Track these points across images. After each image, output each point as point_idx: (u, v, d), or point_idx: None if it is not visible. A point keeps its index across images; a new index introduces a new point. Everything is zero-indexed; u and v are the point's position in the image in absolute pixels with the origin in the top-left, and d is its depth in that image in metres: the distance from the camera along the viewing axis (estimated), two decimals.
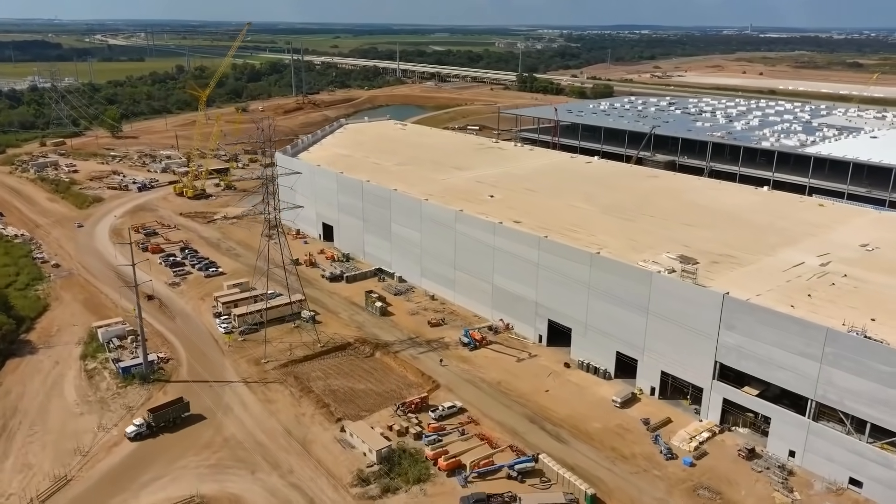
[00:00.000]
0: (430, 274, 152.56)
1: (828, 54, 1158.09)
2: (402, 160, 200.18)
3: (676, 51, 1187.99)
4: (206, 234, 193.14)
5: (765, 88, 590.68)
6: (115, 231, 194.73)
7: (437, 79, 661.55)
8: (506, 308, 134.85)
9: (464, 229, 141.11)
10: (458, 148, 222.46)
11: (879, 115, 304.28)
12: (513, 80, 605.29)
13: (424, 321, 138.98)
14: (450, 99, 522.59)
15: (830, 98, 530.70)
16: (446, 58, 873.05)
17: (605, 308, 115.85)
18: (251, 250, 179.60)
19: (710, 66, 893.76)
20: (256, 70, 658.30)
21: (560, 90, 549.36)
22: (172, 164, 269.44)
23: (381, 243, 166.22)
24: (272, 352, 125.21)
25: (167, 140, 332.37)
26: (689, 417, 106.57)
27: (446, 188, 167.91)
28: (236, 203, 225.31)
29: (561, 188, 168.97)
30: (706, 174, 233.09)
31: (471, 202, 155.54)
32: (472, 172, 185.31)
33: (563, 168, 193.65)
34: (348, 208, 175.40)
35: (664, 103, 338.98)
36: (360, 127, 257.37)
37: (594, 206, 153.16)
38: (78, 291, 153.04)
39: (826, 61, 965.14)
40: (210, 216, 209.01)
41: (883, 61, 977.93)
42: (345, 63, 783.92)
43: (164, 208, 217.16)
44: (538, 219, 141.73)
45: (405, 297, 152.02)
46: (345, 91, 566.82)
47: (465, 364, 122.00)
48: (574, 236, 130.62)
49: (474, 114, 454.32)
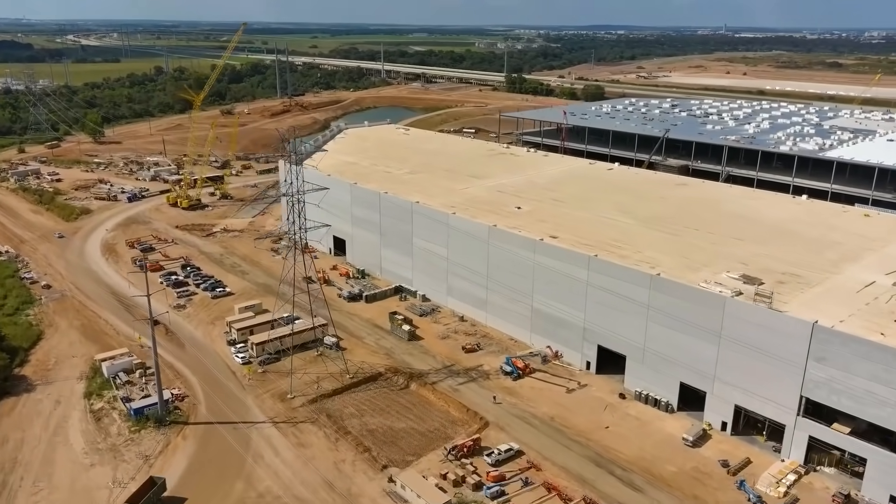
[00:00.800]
0: (459, 293, 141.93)
1: (805, 54, 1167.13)
2: (414, 168, 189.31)
3: (656, 51, 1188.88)
4: (208, 248, 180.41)
5: (753, 89, 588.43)
6: (107, 247, 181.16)
7: (422, 80, 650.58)
8: (547, 332, 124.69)
9: (499, 246, 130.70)
10: (469, 154, 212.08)
11: (887, 116, 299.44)
12: (500, 81, 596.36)
13: (458, 346, 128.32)
14: (439, 100, 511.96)
15: (820, 98, 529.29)
16: (429, 58, 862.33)
17: (668, 334, 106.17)
18: (257, 267, 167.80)
19: (693, 67, 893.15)
20: (237, 71, 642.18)
21: (550, 91, 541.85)
22: (162, 171, 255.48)
23: (401, 259, 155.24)
24: (298, 385, 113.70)
25: (153, 145, 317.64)
26: (767, 456, 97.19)
27: (468, 199, 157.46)
28: (235, 213, 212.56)
29: (589, 198, 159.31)
30: (722, 179, 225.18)
31: (498, 214, 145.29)
32: (490, 181, 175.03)
33: (585, 175, 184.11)
34: (363, 221, 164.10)
35: (666, 105, 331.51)
36: (361, 132, 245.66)
37: (631, 218, 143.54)
38: (73, 316, 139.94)
39: (806, 61, 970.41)
40: (209, 229, 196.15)
41: (860, 61, 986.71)
42: (327, 64, 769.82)
43: (159, 220, 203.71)
44: (575, 233, 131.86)
45: (432, 318, 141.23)
46: (331, 93, 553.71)
47: (511, 396, 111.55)
48: (620, 253, 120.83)
49: (466, 116, 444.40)
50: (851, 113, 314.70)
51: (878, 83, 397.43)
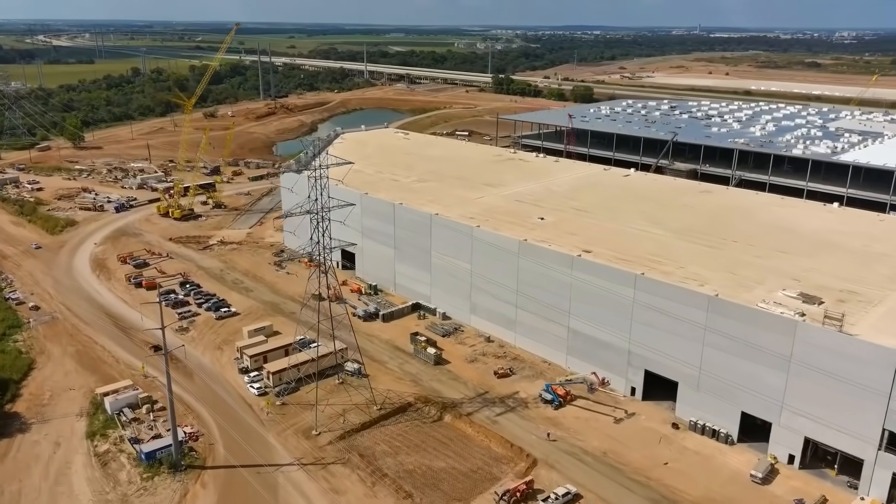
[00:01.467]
0: (484, 312, 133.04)
1: (782, 54, 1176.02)
2: (422, 175, 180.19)
3: (634, 51, 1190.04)
4: (206, 263, 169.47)
5: (740, 89, 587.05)
6: (97, 262, 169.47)
7: (406, 80, 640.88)
8: (586, 354, 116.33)
9: (530, 262, 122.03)
10: (477, 159, 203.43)
11: (888, 118, 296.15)
12: (487, 82, 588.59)
13: (488, 371, 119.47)
14: (426, 102, 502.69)
15: (807, 98, 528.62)
16: (411, 59, 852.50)
17: (727, 359, 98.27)
18: (261, 283, 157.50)
19: (674, 67, 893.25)
20: (217, 72, 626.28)
21: (538, 92, 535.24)
22: (149, 178, 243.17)
23: (417, 274, 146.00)
24: (322, 418, 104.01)
25: (136, 150, 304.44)
26: (843, 493, 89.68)
27: (486, 209, 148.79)
28: (231, 224, 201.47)
29: (613, 207, 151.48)
30: (733, 183, 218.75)
31: (521, 226, 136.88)
32: (505, 189, 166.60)
33: (603, 182, 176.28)
34: (375, 233, 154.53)
35: (665, 107, 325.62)
36: (359, 137, 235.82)
37: (662, 229, 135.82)
38: (67, 342, 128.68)
39: (785, 61, 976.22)
40: (205, 241, 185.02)
41: (836, 61, 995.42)
42: (309, 64, 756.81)
43: (150, 232, 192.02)
44: (609, 246, 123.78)
45: (455, 338, 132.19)
46: (315, 94, 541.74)
47: (556, 428, 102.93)
48: (662, 269, 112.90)
49: (456, 118, 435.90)
50: (852, 114, 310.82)
51: (876, 84, 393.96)
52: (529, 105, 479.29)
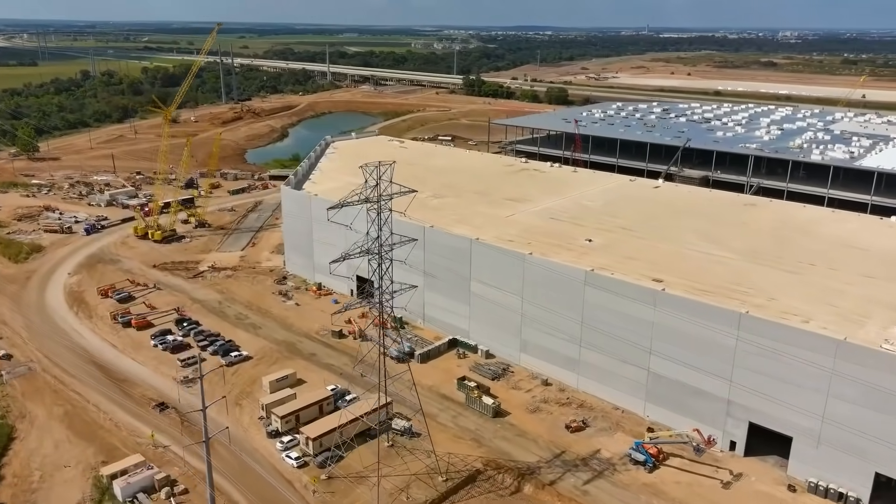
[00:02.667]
0: (538, 350, 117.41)
1: (734, 53, 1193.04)
2: (437, 190, 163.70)
3: (591, 52, 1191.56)
4: (200, 294, 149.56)
5: (709, 89, 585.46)
6: (73, 296, 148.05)
7: (371, 82, 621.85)
8: (671, 402, 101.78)
9: (600, 295, 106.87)
10: (489, 171, 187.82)
11: (885, 120, 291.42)
12: (457, 84, 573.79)
13: (556, 423, 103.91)
14: (398, 105, 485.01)
15: (777, 98, 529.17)
16: (372, 59, 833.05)
17: (857, 411, 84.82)
18: (269, 317, 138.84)
19: (635, 67, 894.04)
20: (171, 74, 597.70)
21: (510, 94, 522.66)
22: (119, 194, 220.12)
23: (453, 306, 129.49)
24: (382, 496, 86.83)
25: (97, 161, 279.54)
26: None
27: (523, 229, 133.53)
28: (220, 246, 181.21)
29: (660, 225, 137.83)
30: (752, 192, 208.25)
31: (568, 249, 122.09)
32: (533, 205, 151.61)
33: (635, 195, 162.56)
34: (398, 258, 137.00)
35: (658, 110, 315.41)
36: (352, 146, 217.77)
37: (727, 250, 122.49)
38: (52, 401, 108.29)
39: (741, 61, 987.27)
40: (194, 267, 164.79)
41: (788, 60, 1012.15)
42: (267, 65, 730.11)
43: (129, 258, 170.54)
44: (678, 274, 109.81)
45: (506, 381, 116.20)
46: (279, 97, 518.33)
47: (658, 498, 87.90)
48: (753, 302, 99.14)
49: (432, 121, 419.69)
50: (847, 116, 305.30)
51: (864, 85, 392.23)
52: (504, 108, 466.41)
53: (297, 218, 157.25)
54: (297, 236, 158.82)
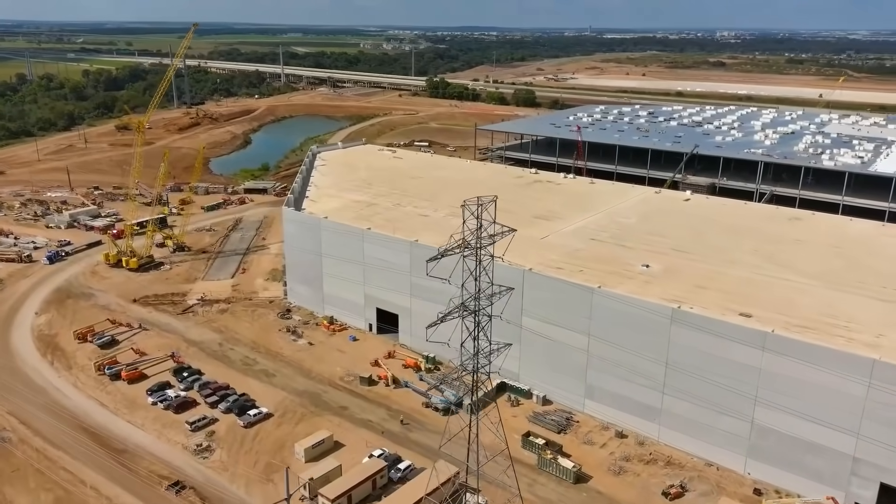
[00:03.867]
0: (608, 396, 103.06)
1: (678, 53, 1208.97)
2: (454, 208, 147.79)
3: (540, 52, 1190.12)
4: (195, 334, 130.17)
5: (670, 90, 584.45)
6: (44, 341, 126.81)
7: (328, 84, 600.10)
8: (781, 459, 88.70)
9: (692, 336, 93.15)
10: (500, 183, 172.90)
11: (871, 122, 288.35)
12: (419, 86, 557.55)
13: (647, 487, 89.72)
14: (361, 108, 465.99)
15: (738, 99, 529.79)
16: (324, 60, 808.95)
17: None
18: (280, 360, 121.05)
19: (589, 68, 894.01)
20: (115, 77, 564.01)
21: (476, 96, 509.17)
22: (80, 214, 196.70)
23: None
24: None
25: (48, 174, 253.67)
26: None
27: (567, 253, 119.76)
28: (206, 273, 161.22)
29: (714, 245, 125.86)
30: (765, 199, 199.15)
31: (624, 276, 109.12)
32: (565, 223, 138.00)
33: (669, 209, 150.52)
34: (431, 292, 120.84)
35: (644, 113, 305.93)
36: (340, 156, 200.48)
37: (800, 275, 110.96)
38: (37, 484, 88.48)
39: (691, 61, 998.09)
40: (181, 301, 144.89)
41: (733, 59, 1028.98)
42: (218, 67, 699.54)
43: (104, 291, 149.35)
44: (765, 306, 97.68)
45: (574, 434, 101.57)
46: (234, 100, 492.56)
47: None
48: (862, 340, 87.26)
49: (400, 125, 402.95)
50: (834, 118, 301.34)
51: (842, 86, 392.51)
52: (472, 110, 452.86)
53: (302, 243, 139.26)
54: (302, 263, 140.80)
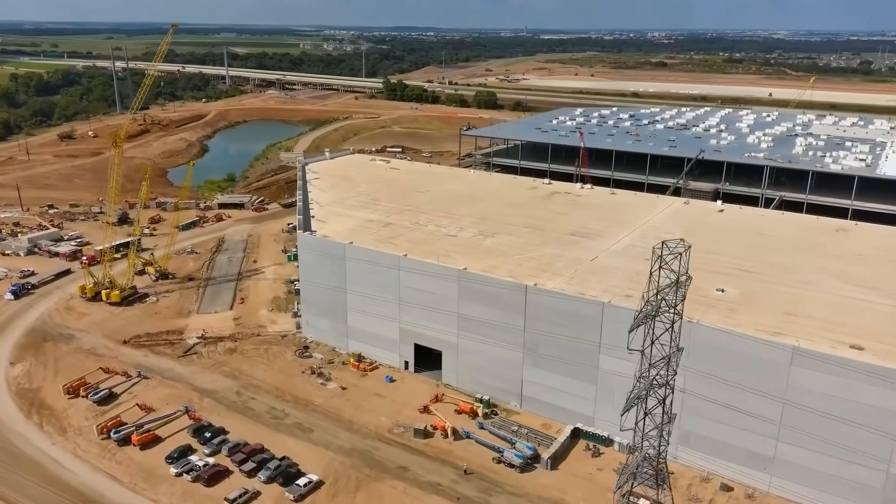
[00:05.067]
0: (706, 443, 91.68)
1: (617, 54, 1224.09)
2: (480, 226, 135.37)
3: (483, 53, 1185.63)
4: (206, 382, 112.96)
5: (626, 91, 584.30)
6: (27, 398, 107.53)
7: (277, 86, 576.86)
8: None
9: (816, 379, 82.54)
10: (517, 196, 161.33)
11: (852, 122, 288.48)
12: (375, 88, 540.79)
13: None
14: (318, 112, 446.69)
15: (693, 99, 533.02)
16: (267, 61, 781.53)
17: None
18: (314, 411, 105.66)
19: (537, 69, 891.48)
20: (46, 81, 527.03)
21: (436, 98, 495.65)
22: (41, 238, 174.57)
23: (568, 385, 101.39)
24: None
25: None
26: None
27: (626, 278, 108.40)
28: (198, 304, 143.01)
29: (780, 263, 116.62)
30: (775, 204, 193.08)
31: (705, 305, 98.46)
32: (606, 241, 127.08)
33: (712, 223, 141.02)
34: (483, 326, 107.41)
35: (625, 116, 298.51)
36: (333, 168, 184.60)
37: (881, 295, 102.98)
38: None
39: (634, 61, 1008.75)
40: (178, 340, 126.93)
41: (671, 59, 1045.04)
42: (156, 69, 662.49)
43: (85, 331, 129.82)
44: (871, 336, 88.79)
45: (675, 488, 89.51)
46: (180, 104, 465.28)
47: None
48: None
49: (364, 129, 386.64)
50: (810, 118, 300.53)
51: (813, 86, 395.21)
52: (434, 113, 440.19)
53: (323, 272, 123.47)
54: (321, 294, 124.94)
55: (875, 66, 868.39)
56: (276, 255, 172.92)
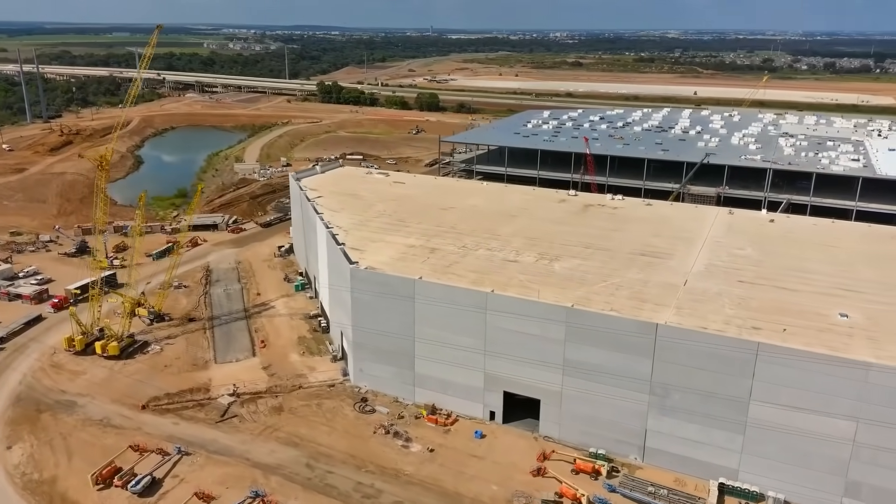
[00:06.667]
0: (883, 496, 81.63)
1: (528, 54, 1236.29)
2: (534, 247, 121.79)
3: (397, 53, 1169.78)
4: (262, 454, 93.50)
5: (560, 91, 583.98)
6: (40, 491, 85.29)
7: (196, 89, 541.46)
8: None
9: None
10: (551, 210, 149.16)
11: (820, 121, 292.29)
12: (308, 90, 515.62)
13: None
14: (253, 117, 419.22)
15: (625, 98, 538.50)
16: (175, 62, 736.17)
17: None
18: (408, 483, 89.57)
19: (459, 69, 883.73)
20: None
21: (374, 101, 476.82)
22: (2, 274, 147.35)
23: (706, 435, 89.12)
24: None
25: None
26: None
27: (737, 305, 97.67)
28: (214, 352, 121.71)
29: (872, 279, 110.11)
30: (782, 208, 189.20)
31: (834, 334, 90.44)
32: (682, 262, 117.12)
33: (774, 234, 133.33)
34: (597, 370, 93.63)
35: (595, 118, 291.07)
36: (331, 184, 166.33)
37: None
38: None
39: (551, 62, 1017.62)
40: (209, 401, 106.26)
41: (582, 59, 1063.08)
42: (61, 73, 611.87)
43: (88, 395, 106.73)
44: None
45: None
46: (96, 111, 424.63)
47: None
48: None
49: (310, 135, 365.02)
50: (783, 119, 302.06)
51: (766, 85, 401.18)
52: (377, 116, 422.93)
53: (383, 312, 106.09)
54: (380, 336, 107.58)
55: (777, 64, 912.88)
56: (279, 284, 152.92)
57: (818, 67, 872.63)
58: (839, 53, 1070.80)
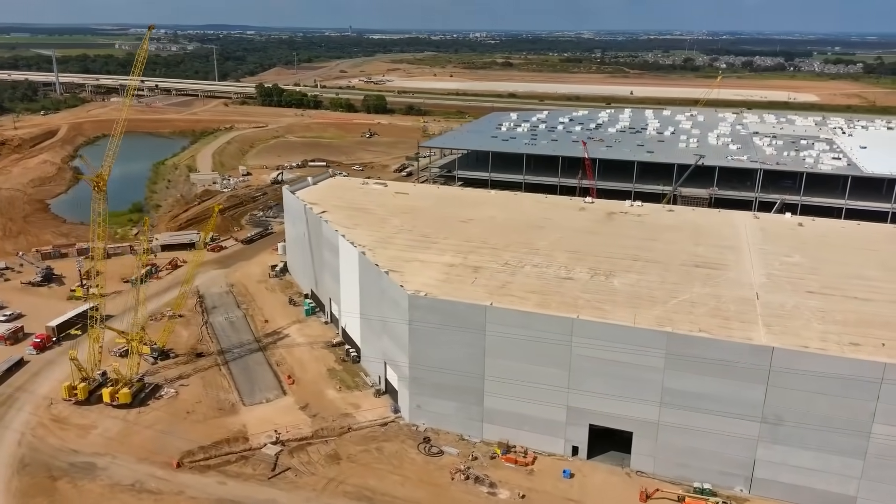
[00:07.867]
0: None
1: (454, 54, 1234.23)
2: (580, 261, 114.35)
3: (321, 53, 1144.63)
4: None
5: (502, 92, 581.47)
6: None
7: (121, 93, 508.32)
8: None
9: None
10: (575, 219, 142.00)
11: (784, 119, 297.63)
12: (246, 93, 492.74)
13: None
14: (191, 122, 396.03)
15: (567, 98, 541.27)
16: (91, 65, 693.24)
17: None
18: None
19: (391, 70, 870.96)
20: None
21: (318, 104, 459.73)
22: None
23: (821, 462, 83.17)
24: None
25: None
26: None
27: (823, 319, 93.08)
28: (241, 394, 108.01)
29: None
30: (776, 209, 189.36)
31: None
32: (743, 274, 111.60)
33: (808, 238, 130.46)
34: (700, 399, 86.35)
35: (566, 120, 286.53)
36: (332, 197, 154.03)
37: None
38: None
39: (482, 62, 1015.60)
40: (252, 453, 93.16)
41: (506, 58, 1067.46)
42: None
43: (106, 454, 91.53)
44: None
45: None
46: (17, 118, 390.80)
47: None
48: None
49: (258, 141, 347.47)
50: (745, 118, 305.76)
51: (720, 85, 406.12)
52: (325, 119, 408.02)
53: (447, 342, 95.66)
54: (443, 370, 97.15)
55: (697, 64, 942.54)
56: (284, 308, 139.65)
57: (737, 66, 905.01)
58: (748, 52, 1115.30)
